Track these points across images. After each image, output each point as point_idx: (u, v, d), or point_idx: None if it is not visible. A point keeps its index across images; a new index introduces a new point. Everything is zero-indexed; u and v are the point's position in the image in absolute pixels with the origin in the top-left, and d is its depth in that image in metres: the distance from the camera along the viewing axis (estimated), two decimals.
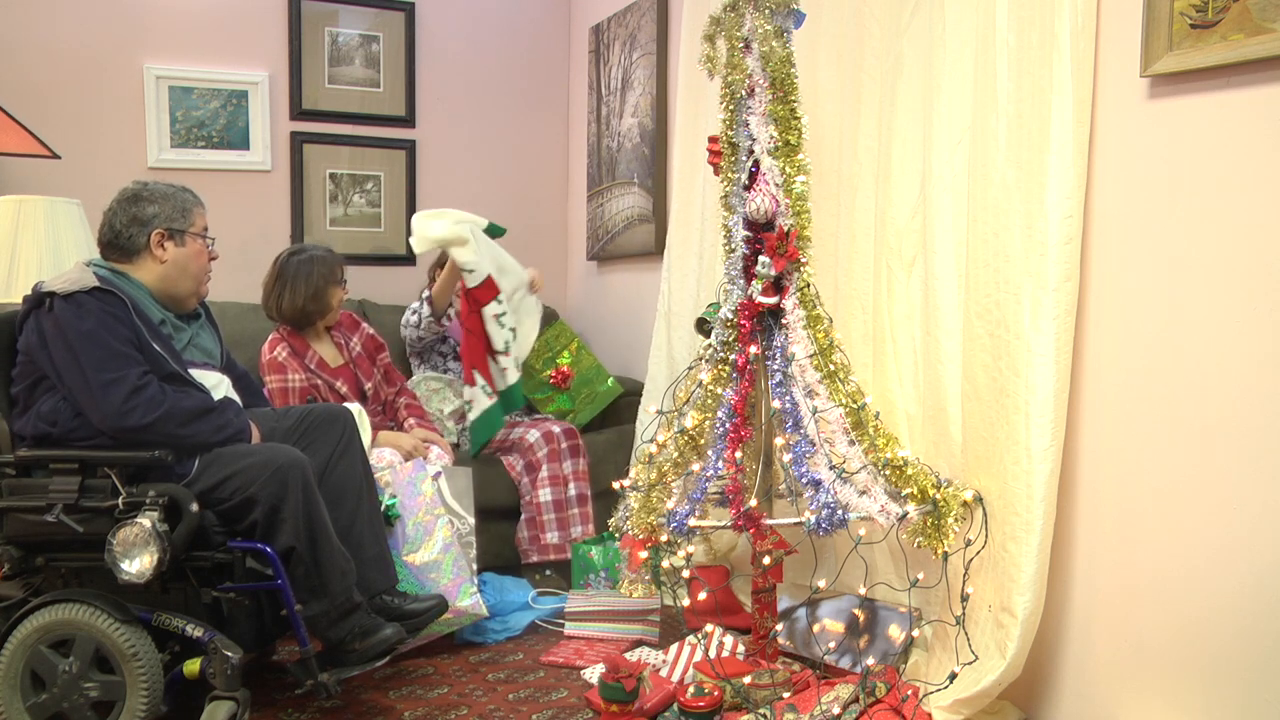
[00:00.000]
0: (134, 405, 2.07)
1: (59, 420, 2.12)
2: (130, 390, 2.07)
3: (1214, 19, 1.76)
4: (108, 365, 2.07)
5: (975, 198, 2.20)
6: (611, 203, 4.06)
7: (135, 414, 2.07)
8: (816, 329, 2.27)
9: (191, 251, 2.31)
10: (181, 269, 2.30)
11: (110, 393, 2.06)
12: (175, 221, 2.29)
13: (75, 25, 3.61)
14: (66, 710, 2.01)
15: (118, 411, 2.06)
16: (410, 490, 2.67)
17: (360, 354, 3.23)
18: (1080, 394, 2.07)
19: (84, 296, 2.10)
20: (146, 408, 2.08)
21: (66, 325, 2.08)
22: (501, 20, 4.33)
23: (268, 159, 3.92)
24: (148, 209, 2.27)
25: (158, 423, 2.09)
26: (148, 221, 2.26)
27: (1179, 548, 1.89)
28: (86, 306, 2.09)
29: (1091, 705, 2.06)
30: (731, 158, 2.36)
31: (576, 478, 3.27)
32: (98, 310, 2.10)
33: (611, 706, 2.18)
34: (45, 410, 2.13)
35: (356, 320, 3.32)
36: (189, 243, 2.31)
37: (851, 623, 2.50)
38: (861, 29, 2.58)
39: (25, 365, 2.16)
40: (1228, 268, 1.79)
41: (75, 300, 2.10)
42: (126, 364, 2.09)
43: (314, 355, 3.11)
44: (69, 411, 2.11)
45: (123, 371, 2.08)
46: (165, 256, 2.28)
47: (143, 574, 1.98)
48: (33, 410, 2.14)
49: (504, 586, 3.03)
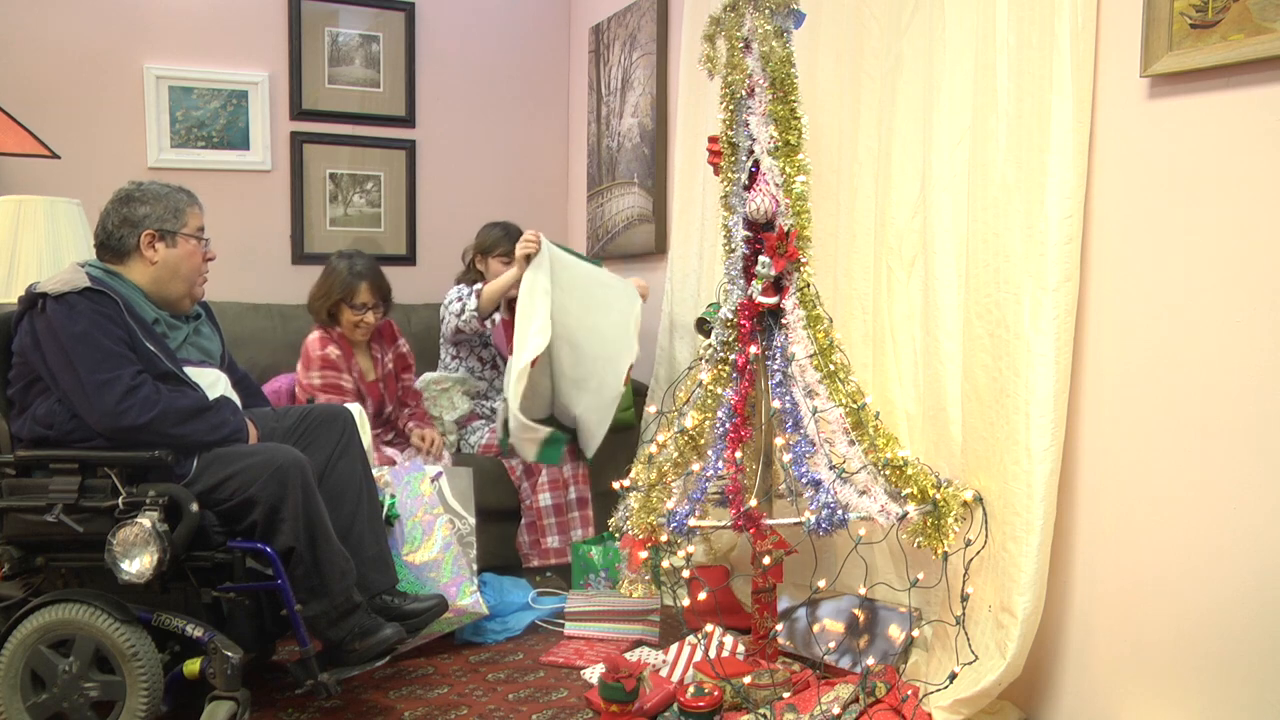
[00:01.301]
0: (129, 405, 2.07)
1: (55, 423, 2.12)
2: (125, 390, 2.07)
3: (1214, 19, 1.76)
4: (101, 366, 2.07)
5: (975, 198, 2.20)
6: (611, 203, 4.06)
7: (130, 414, 2.07)
8: (816, 329, 2.27)
9: (183, 253, 2.29)
10: (173, 270, 2.28)
11: (105, 393, 2.06)
12: (167, 222, 2.27)
13: (75, 25, 3.61)
14: (66, 710, 2.01)
15: (112, 412, 2.06)
16: (408, 490, 2.67)
17: (390, 372, 3.23)
18: (1080, 394, 2.07)
19: (75, 297, 2.09)
20: (141, 407, 2.08)
21: (59, 327, 2.08)
22: (501, 20, 4.33)
23: (268, 159, 3.92)
24: (139, 210, 2.26)
25: (153, 422, 2.09)
26: (138, 222, 2.25)
27: (1179, 548, 1.89)
28: (78, 307, 2.09)
29: (1091, 705, 2.06)
30: (731, 158, 2.36)
31: (576, 480, 3.27)
32: (90, 311, 2.09)
33: (611, 706, 2.18)
34: (41, 414, 2.13)
35: (396, 333, 3.30)
36: (180, 244, 2.29)
37: (851, 623, 2.50)
38: (861, 29, 2.58)
39: (20, 367, 2.16)
40: (1228, 267, 1.79)
41: (67, 301, 2.09)
42: (120, 364, 2.09)
43: (356, 365, 3.10)
44: (64, 414, 2.11)
45: (116, 372, 2.07)
46: (155, 258, 2.26)
47: (143, 574, 1.98)
48: (29, 413, 2.15)
49: (504, 587, 3.03)
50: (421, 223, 4.21)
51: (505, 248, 3.44)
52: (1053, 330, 2.02)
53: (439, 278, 3.85)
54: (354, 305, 3.07)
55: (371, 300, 3.09)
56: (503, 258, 3.44)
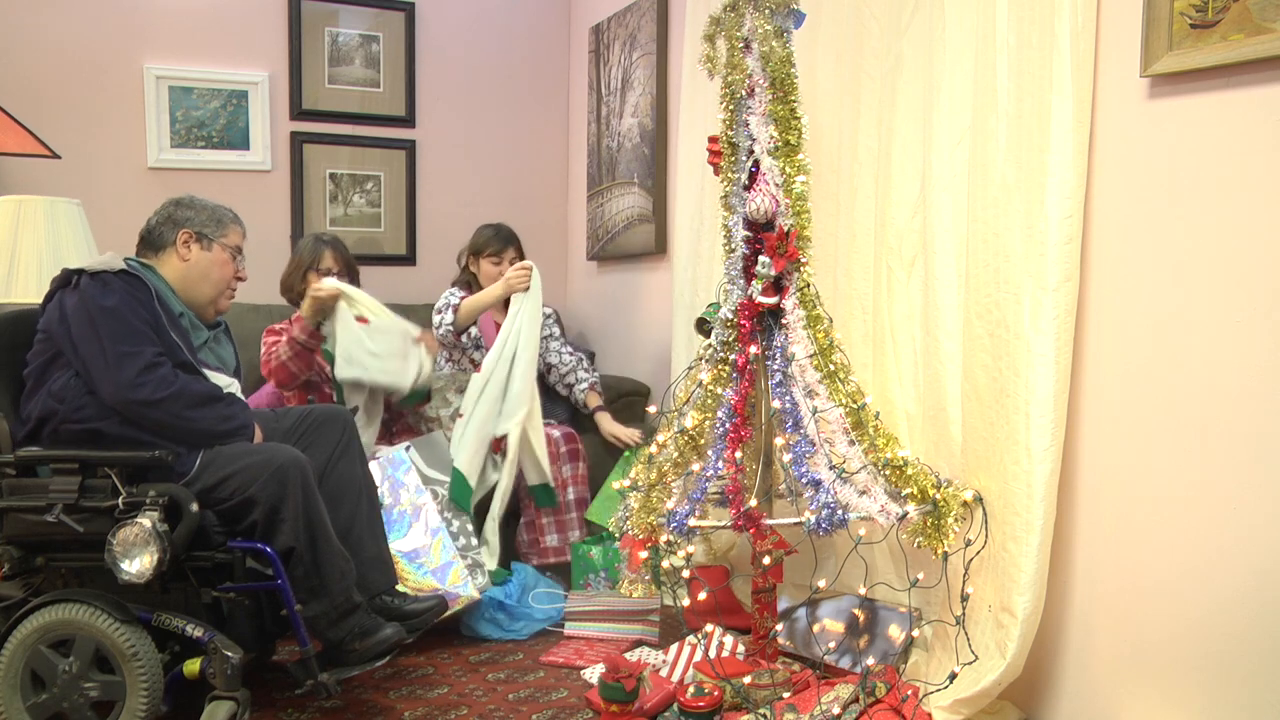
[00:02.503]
0: (146, 380, 2.10)
1: (67, 398, 2.13)
2: (144, 366, 2.11)
3: (1214, 19, 1.76)
4: (126, 339, 2.12)
5: (975, 198, 2.20)
6: (611, 203, 4.06)
7: (146, 389, 2.10)
8: (816, 329, 2.27)
9: (216, 259, 2.37)
10: (203, 273, 2.35)
11: (125, 365, 2.10)
12: (207, 228, 2.37)
13: (75, 25, 3.61)
14: (66, 710, 2.01)
15: (130, 383, 2.09)
16: (392, 479, 2.70)
17: None
18: (1080, 394, 2.07)
19: (110, 276, 2.17)
20: (157, 384, 2.11)
21: (90, 299, 2.13)
22: (501, 20, 4.33)
23: (268, 159, 3.92)
24: (185, 213, 2.37)
25: (167, 400, 2.12)
26: (181, 222, 2.35)
27: (1179, 548, 1.89)
28: (112, 285, 2.16)
29: (1091, 705, 2.06)
30: (731, 158, 2.36)
31: (575, 481, 3.27)
32: (122, 289, 2.16)
33: (611, 706, 2.18)
34: (56, 388, 2.15)
35: None
36: (215, 251, 2.37)
37: (851, 623, 2.50)
38: (861, 29, 2.58)
39: (43, 344, 2.19)
40: (1228, 267, 1.79)
41: (102, 279, 2.16)
42: (144, 341, 2.14)
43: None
44: (79, 389, 2.13)
45: (139, 347, 2.12)
46: (189, 256, 2.34)
47: (143, 574, 1.98)
48: (44, 388, 2.16)
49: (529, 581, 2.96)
50: (421, 223, 4.21)
51: (495, 248, 3.46)
52: (1053, 330, 2.02)
53: (439, 278, 3.85)
54: (319, 270, 3.15)
55: (336, 266, 3.18)
56: (492, 258, 3.45)
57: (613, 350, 4.09)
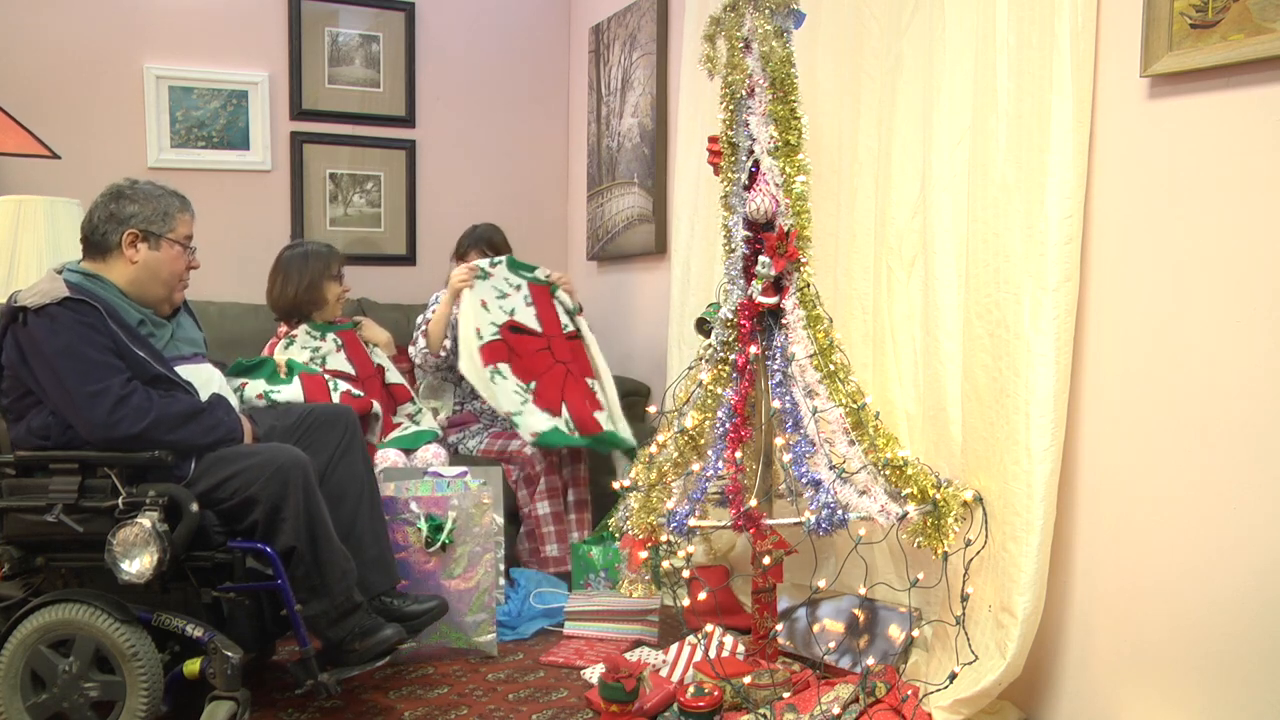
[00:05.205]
0: (121, 416, 2.05)
1: (51, 434, 2.11)
2: (115, 401, 2.05)
3: (1214, 19, 1.76)
4: (89, 377, 2.05)
5: (975, 198, 2.20)
6: (611, 203, 4.06)
7: (123, 424, 2.06)
8: (816, 329, 2.27)
9: (165, 257, 2.27)
10: (152, 273, 2.26)
11: (95, 405, 2.04)
12: (153, 224, 2.24)
13: (75, 25, 3.62)
14: (66, 710, 2.01)
15: (105, 423, 2.05)
16: (470, 518, 2.63)
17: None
18: (1080, 394, 2.07)
19: (55, 309, 2.06)
20: (134, 417, 2.06)
21: (42, 341, 2.06)
22: (501, 20, 4.33)
23: (268, 159, 3.92)
24: (127, 208, 2.24)
25: (147, 430, 2.08)
26: (124, 220, 2.22)
27: (1179, 548, 1.89)
28: (60, 319, 2.06)
29: (1091, 705, 2.06)
30: (731, 158, 2.36)
31: (575, 483, 3.26)
32: (72, 322, 2.06)
33: (611, 706, 2.18)
34: (36, 425, 2.12)
35: None
36: (164, 248, 2.26)
37: (851, 623, 2.50)
38: (861, 29, 2.58)
39: (12, 380, 2.15)
40: (1228, 267, 1.79)
41: (47, 314, 2.06)
42: (108, 373, 2.07)
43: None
44: (59, 425, 2.11)
45: (105, 382, 2.06)
46: (136, 258, 2.23)
47: (143, 574, 1.98)
48: (24, 423, 2.14)
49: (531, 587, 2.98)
50: (421, 223, 4.21)
51: (462, 249, 3.52)
52: (1053, 330, 2.02)
53: (439, 278, 3.84)
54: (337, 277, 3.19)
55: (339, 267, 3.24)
56: (462, 260, 3.48)
57: (613, 350, 4.07)
